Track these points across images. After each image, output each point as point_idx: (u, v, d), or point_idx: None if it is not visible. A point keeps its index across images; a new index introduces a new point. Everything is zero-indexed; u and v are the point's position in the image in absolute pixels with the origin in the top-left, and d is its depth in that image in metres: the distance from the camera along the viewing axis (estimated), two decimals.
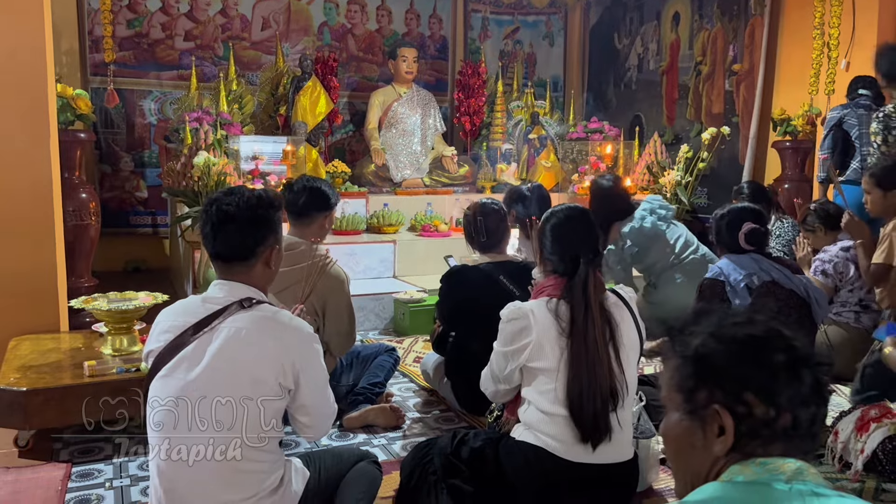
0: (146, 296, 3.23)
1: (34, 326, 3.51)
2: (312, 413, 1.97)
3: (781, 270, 3.01)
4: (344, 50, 7.45)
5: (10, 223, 3.50)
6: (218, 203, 1.96)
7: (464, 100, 7.24)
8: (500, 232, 3.15)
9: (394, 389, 3.56)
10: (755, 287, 2.89)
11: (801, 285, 3.00)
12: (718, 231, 3.11)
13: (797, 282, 3.00)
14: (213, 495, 1.82)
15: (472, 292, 3.03)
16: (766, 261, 3.03)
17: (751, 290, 2.89)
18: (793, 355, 1.06)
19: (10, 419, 2.74)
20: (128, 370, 2.88)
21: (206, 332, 1.87)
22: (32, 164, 3.55)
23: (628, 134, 7.10)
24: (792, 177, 5.58)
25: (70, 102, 4.21)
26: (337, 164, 6.29)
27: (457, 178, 6.84)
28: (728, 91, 6.48)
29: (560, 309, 2.16)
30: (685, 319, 1.17)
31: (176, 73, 6.76)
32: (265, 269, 2.00)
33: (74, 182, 4.41)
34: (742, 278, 2.90)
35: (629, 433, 2.26)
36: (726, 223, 3.07)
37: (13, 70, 3.49)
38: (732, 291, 2.88)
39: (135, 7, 6.64)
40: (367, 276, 5.41)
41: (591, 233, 2.29)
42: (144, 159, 6.78)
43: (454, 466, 2.20)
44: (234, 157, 5.50)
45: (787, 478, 1.02)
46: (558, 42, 8.41)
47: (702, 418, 1.08)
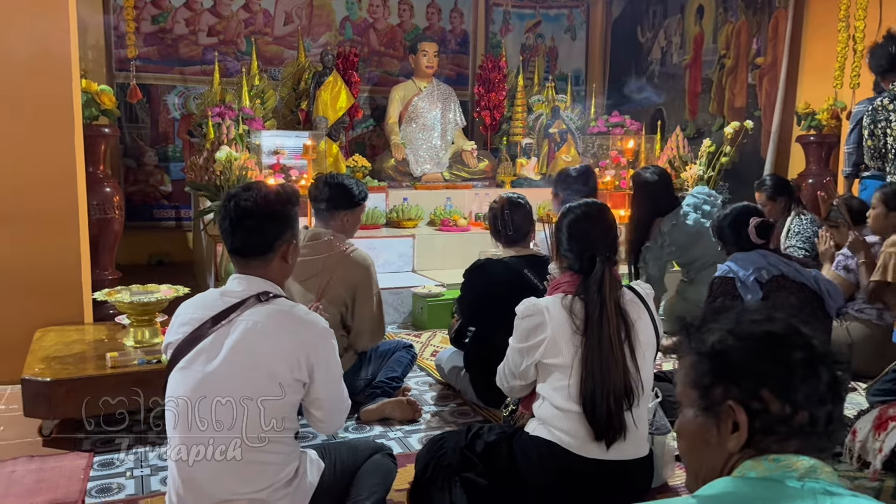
0: (168, 289, 3.28)
1: (59, 318, 3.57)
2: (326, 407, 2.00)
3: (789, 264, 3.02)
4: (365, 45, 7.47)
5: (35, 216, 3.56)
6: (236, 199, 1.98)
7: (484, 94, 7.23)
8: (526, 226, 3.16)
9: (411, 383, 3.59)
10: (765, 281, 2.89)
11: (811, 278, 2.99)
12: (722, 231, 3.12)
13: (807, 275, 3.00)
14: (229, 486, 1.86)
15: (496, 286, 3.03)
16: (774, 255, 3.04)
17: (761, 285, 2.89)
18: (811, 353, 1.06)
19: (35, 409, 2.80)
20: (149, 362, 2.93)
21: (223, 325, 1.90)
22: (57, 159, 3.61)
23: (650, 128, 7.05)
24: (816, 171, 5.52)
25: (94, 98, 4.26)
26: (357, 159, 6.31)
27: (476, 172, 6.83)
28: (751, 85, 6.41)
29: (575, 306, 2.16)
30: (702, 317, 1.17)
31: (199, 69, 6.82)
32: (282, 264, 2.03)
33: (98, 176, 4.48)
34: (751, 273, 2.90)
35: (644, 431, 2.25)
36: (729, 223, 3.08)
37: (39, 66, 3.54)
38: (743, 287, 2.87)
39: (159, 3, 6.72)
40: (386, 270, 5.43)
41: (608, 230, 2.28)
42: (168, 154, 6.86)
43: (468, 460, 2.21)
44: (256, 152, 5.55)
45: (799, 475, 1.02)
46: (580, 36, 8.36)
47: (716, 415, 1.08)
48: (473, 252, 4.57)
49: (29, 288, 3.55)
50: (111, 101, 4.40)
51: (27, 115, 3.54)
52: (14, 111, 3.51)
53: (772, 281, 2.92)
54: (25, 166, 3.53)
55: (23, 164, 3.52)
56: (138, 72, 6.45)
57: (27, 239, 3.56)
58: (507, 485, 2.18)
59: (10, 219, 3.53)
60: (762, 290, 2.87)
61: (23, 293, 3.54)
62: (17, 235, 3.54)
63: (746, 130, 5.67)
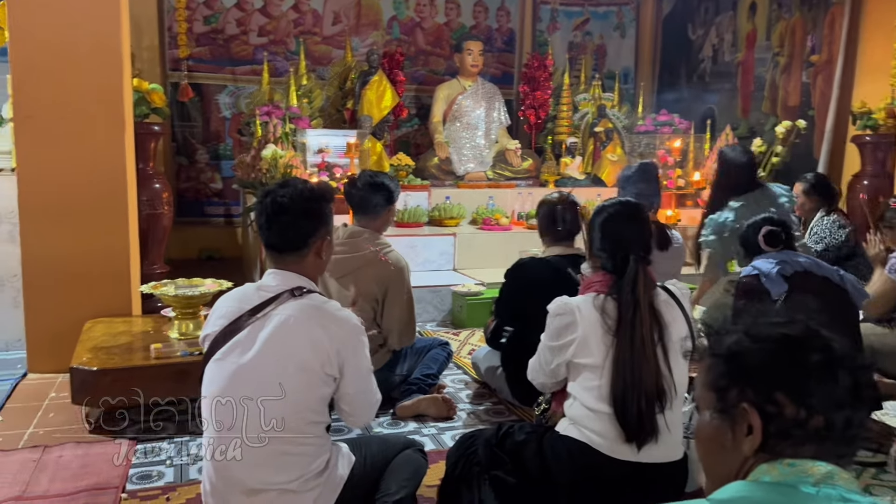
0: (212, 283, 3.37)
1: (108, 310, 3.70)
2: (355, 402, 2.03)
3: (811, 259, 3.04)
4: (412, 44, 7.51)
5: (86, 212, 3.69)
6: (272, 195, 2.02)
7: (529, 93, 7.19)
8: (576, 225, 3.15)
9: (447, 381, 3.60)
10: (789, 275, 2.89)
11: (833, 272, 3.00)
12: (746, 240, 3.14)
13: (828, 269, 3.00)
14: (261, 476, 1.90)
15: (537, 284, 3.02)
16: (794, 253, 3.06)
17: (785, 278, 2.89)
18: (829, 356, 1.04)
19: (82, 397, 2.90)
20: (191, 353, 3.01)
21: (258, 319, 1.94)
22: (109, 155, 3.72)
23: (699, 127, 6.92)
24: (871, 172, 5.34)
25: (145, 96, 4.39)
26: (401, 157, 6.35)
27: (520, 171, 6.80)
28: (805, 83, 6.24)
29: (607, 306, 2.13)
30: (723, 319, 1.16)
31: (250, 68, 6.95)
32: (316, 260, 2.06)
33: (149, 173, 4.61)
34: (774, 266, 2.90)
35: (678, 435, 2.21)
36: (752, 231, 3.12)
37: (93, 67, 3.66)
38: (768, 280, 2.91)
39: (211, 4, 6.87)
40: (427, 268, 5.46)
41: (642, 230, 2.25)
42: (219, 152, 7.02)
43: (498, 458, 2.21)
44: (302, 150, 5.64)
45: (815, 481, 1.00)
46: (629, 33, 8.26)
47: (731, 417, 1.07)
48: (514, 251, 4.56)
49: (80, 280, 3.68)
50: (161, 99, 4.52)
51: (80, 111, 3.66)
52: (68, 108, 3.63)
53: (795, 276, 2.91)
54: (78, 162, 3.66)
55: (76, 160, 3.65)
56: (191, 71, 6.63)
57: (79, 233, 3.69)
58: (536, 484, 2.17)
59: (63, 213, 3.66)
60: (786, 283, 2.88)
61: (74, 285, 3.67)
62: (70, 229, 3.67)
63: (799, 130, 5.52)
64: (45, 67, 3.59)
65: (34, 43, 3.57)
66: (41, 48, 3.58)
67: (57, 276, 3.66)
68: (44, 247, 3.65)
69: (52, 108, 3.61)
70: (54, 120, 3.61)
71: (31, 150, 3.62)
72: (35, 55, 3.58)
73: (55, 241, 3.65)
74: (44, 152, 3.62)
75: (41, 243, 3.65)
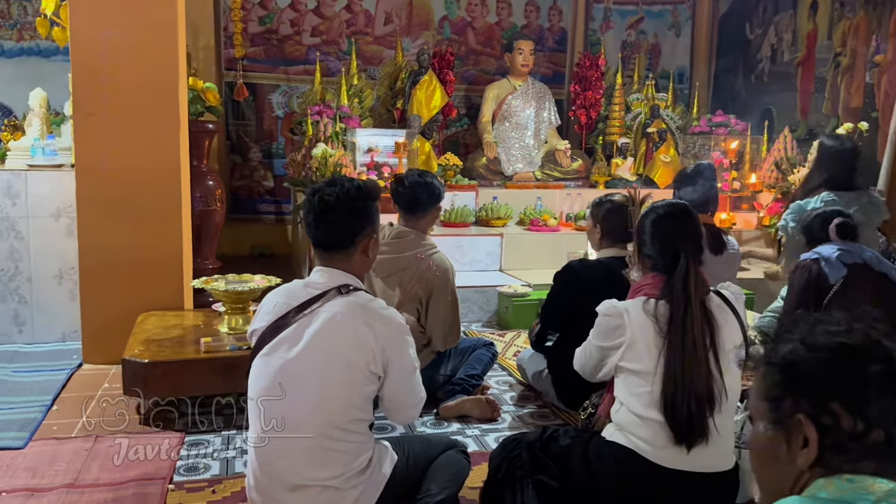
0: (261, 279, 3.41)
1: (161, 303, 3.77)
2: (398, 400, 2.03)
3: (874, 253, 3.01)
4: (463, 43, 7.50)
5: (141, 207, 3.77)
6: (320, 193, 2.04)
7: (580, 92, 7.10)
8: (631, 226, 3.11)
9: (491, 382, 3.57)
10: (849, 263, 2.86)
11: (891, 269, 2.97)
12: (810, 229, 3.14)
13: (888, 266, 2.98)
14: (304, 472, 1.91)
15: (587, 286, 2.97)
16: (859, 246, 3.03)
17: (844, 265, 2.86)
18: (890, 366, 0.99)
19: (133, 388, 2.96)
20: (240, 348, 3.04)
21: (305, 315, 1.96)
22: (163, 152, 3.80)
23: (757, 128, 6.74)
24: None
25: (200, 95, 4.48)
26: (449, 157, 6.34)
27: (569, 172, 6.72)
28: (869, 84, 6.01)
29: (658, 310, 2.09)
30: (779, 326, 1.13)
31: (302, 68, 7.03)
32: (363, 258, 2.07)
33: (202, 170, 4.69)
34: (836, 251, 2.91)
35: (730, 441, 2.16)
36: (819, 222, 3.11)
37: (150, 66, 3.74)
38: (828, 264, 2.91)
39: (266, 4, 6.97)
40: (473, 268, 5.44)
41: (692, 228, 2.21)
42: (272, 151, 7.12)
43: (542, 462, 2.18)
44: (352, 150, 5.68)
45: (875, 499, 0.95)
46: (685, 32, 8.09)
47: (786, 429, 1.04)
48: (562, 253, 4.52)
49: (134, 274, 3.76)
50: (215, 98, 4.60)
51: (137, 109, 3.73)
52: (125, 105, 3.72)
53: (854, 266, 2.92)
54: (134, 159, 3.74)
55: (132, 157, 3.73)
56: (245, 71, 6.73)
57: (134, 228, 3.77)
58: (580, 489, 2.13)
59: (119, 208, 3.74)
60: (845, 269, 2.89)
61: (129, 279, 3.76)
62: (125, 224, 3.75)
63: (861, 132, 5.33)
64: (104, 67, 3.68)
65: (94, 43, 3.67)
66: (101, 48, 3.67)
67: (112, 270, 3.75)
68: (100, 241, 3.74)
69: (110, 105, 3.69)
70: (112, 117, 3.70)
71: (89, 147, 3.72)
72: (95, 55, 3.67)
73: (111, 235, 3.74)
74: (101, 149, 3.71)
75: (97, 237, 3.74)
